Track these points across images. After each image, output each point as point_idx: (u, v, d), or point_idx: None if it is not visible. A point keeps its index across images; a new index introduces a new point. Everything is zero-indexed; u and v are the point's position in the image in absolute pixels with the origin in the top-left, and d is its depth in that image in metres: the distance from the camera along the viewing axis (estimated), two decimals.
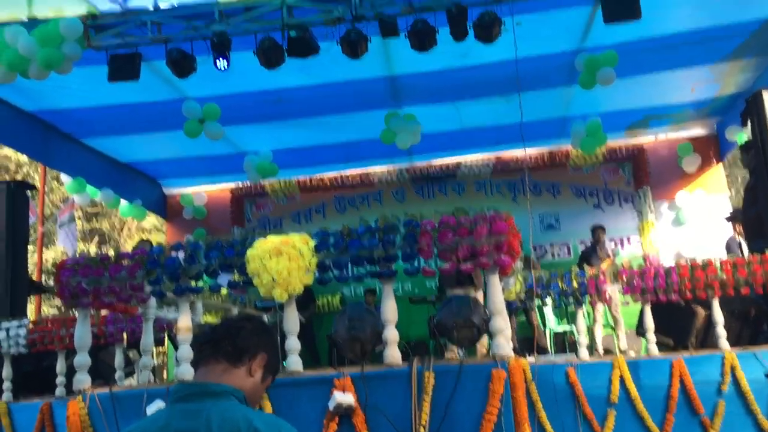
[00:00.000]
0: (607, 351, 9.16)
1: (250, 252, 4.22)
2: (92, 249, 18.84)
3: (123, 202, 11.32)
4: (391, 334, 4.21)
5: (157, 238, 18.34)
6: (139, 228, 19.56)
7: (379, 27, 6.58)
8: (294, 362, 4.29)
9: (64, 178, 10.67)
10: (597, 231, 10.15)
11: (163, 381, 10.09)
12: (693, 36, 7.95)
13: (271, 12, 6.68)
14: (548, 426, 5.19)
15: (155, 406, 4.14)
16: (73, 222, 10.92)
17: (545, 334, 9.82)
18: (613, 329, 9.54)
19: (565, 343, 10.15)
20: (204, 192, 12.34)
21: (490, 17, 6.33)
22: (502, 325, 4.11)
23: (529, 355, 8.47)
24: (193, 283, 4.59)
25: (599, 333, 8.46)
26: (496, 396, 3.87)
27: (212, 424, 1.93)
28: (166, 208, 12.54)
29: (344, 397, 3.89)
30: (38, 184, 11.97)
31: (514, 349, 6.17)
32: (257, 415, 2.00)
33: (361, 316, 4.27)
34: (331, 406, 3.92)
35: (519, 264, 4.86)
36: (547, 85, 8.94)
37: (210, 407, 1.98)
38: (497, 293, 4.09)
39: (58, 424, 5.58)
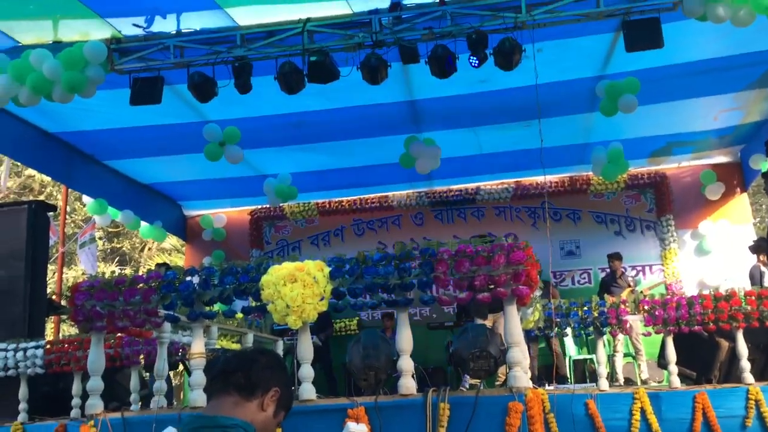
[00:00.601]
0: (628, 380, 9.01)
1: (264, 278, 4.19)
2: (113, 269, 18.96)
3: (143, 224, 11.38)
4: (406, 363, 4.14)
5: (177, 259, 18.46)
6: (160, 248, 19.67)
7: (400, 53, 6.59)
8: (307, 390, 4.24)
9: (86, 198, 10.77)
10: (612, 260, 10.03)
11: (179, 404, 10.06)
12: (717, 63, 7.87)
13: (292, 37, 6.72)
14: None
15: None
16: (93, 242, 11.00)
17: (565, 361, 9.69)
18: (634, 358, 9.39)
19: (585, 371, 10.00)
20: (224, 214, 12.41)
21: (510, 44, 6.30)
22: (520, 356, 4.03)
23: (549, 383, 8.36)
24: (207, 308, 4.58)
25: (620, 362, 8.34)
26: (512, 429, 3.79)
27: None
28: (185, 230, 12.61)
29: (357, 428, 3.81)
30: (60, 205, 12.09)
31: (533, 378, 6.08)
32: None
33: (376, 344, 4.21)
34: None
35: (537, 293, 4.78)
36: (568, 111, 8.91)
37: None
38: (515, 324, 4.02)
39: None
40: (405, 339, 4.16)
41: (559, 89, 8.15)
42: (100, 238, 18.08)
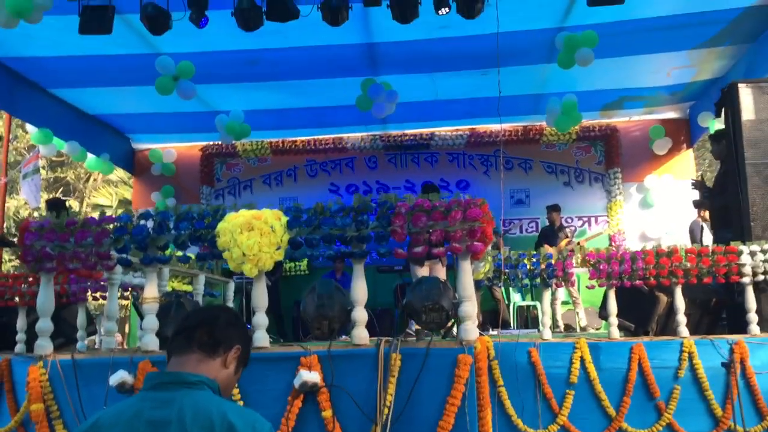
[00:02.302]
0: (568, 326, 9.35)
1: (220, 225, 4.14)
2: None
3: (90, 156, 11.08)
4: (360, 314, 4.20)
5: (125, 192, 18.07)
6: (106, 180, 19.18)
7: None
8: (261, 338, 4.27)
9: (30, 127, 10.39)
10: (550, 212, 10.30)
11: (125, 342, 10.02)
12: (673, 20, 7.96)
13: None
14: (508, 403, 5.28)
15: (119, 376, 4.11)
16: (37, 173, 10.66)
17: (508, 308, 9.95)
18: (573, 305, 9.71)
19: (527, 317, 10.31)
20: (174, 149, 12.15)
21: None
22: (471, 310, 4.12)
23: (493, 329, 8.60)
24: (161, 253, 4.52)
25: (559, 310, 8.63)
26: (461, 381, 3.91)
27: (185, 414, 1.92)
28: (134, 164, 12.34)
29: (310, 376, 3.90)
30: (2, 131, 11.66)
31: (479, 324, 6.23)
32: (231, 408, 1.99)
33: (330, 293, 4.25)
34: (297, 383, 3.93)
35: (489, 247, 4.87)
36: (526, 61, 8.91)
37: (183, 397, 1.97)
38: (468, 279, 4.09)
39: (16, 381, 5.50)
40: (360, 290, 4.21)
41: (519, 39, 8.14)
42: (43, 167, 17.55)
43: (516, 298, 10.22)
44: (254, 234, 3.99)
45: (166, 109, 10.05)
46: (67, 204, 8.53)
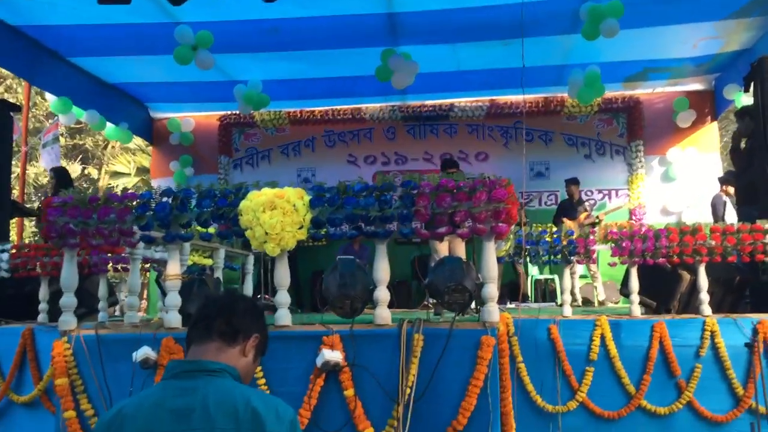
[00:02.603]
0: (587, 300, 9.33)
1: (243, 204, 4.12)
2: (75, 167, 18.52)
3: (109, 124, 11.09)
4: (383, 294, 4.19)
5: (143, 159, 18.09)
6: (124, 147, 19.19)
7: None
8: (283, 316, 4.28)
9: (49, 96, 10.39)
10: (569, 185, 10.20)
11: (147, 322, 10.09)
12: None
13: None
14: (528, 380, 5.30)
15: (142, 352, 4.14)
16: (57, 142, 10.70)
17: (527, 281, 9.93)
18: (591, 278, 9.67)
19: (545, 290, 10.29)
20: (192, 118, 12.13)
21: None
22: (494, 291, 4.10)
23: (511, 302, 8.59)
24: (183, 231, 4.52)
25: (577, 284, 8.59)
26: (484, 362, 3.89)
27: (209, 402, 1.93)
28: (152, 132, 12.34)
29: (332, 355, 3.91)
30: (22, 98, 11.68)
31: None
32: (254, 394, 2.00)
33: (353, 272, 4.23)
34: (319, 362, 3.94)
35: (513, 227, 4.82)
36: (549, 31, 8.73)
37: (206, 385, 1.98)
38: (491, 259, 4.06)
39: (39, 350, 5.58)
40: (383, 270, 4.18)
41: (543, 8, 7.97)
42: (62, 134, 17.59)
43: (534, 271, 10.19)
44: (277, 213, 3.97)
45: (184, 78, 10.01)
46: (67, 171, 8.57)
